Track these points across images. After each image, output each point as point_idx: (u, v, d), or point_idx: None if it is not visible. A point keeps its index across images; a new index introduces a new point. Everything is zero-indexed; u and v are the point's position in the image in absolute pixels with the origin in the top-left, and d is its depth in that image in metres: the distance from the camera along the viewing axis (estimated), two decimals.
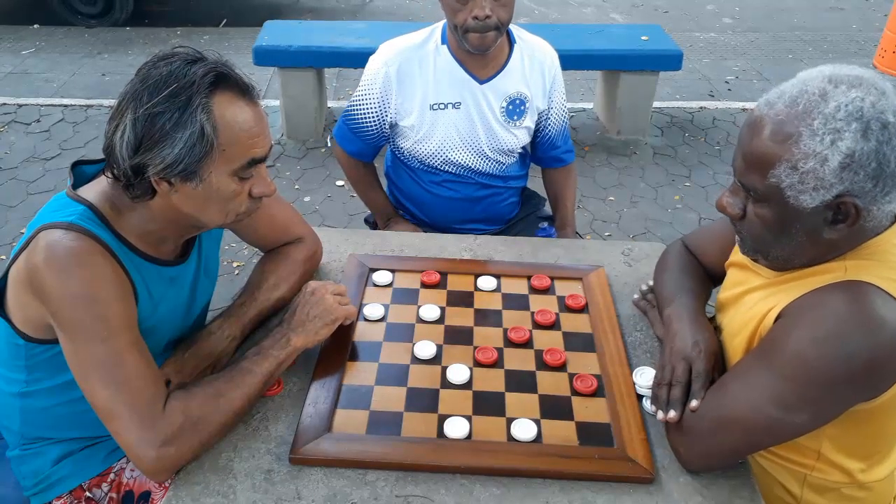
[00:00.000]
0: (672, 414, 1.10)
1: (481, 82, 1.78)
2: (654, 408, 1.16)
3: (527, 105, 1.84)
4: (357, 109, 1.84)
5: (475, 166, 1.87)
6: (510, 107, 1.81)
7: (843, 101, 0.92)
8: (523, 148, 1.95)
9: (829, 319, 0.97)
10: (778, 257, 1.07)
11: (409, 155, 1.89)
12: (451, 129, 1.81)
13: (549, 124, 1.94)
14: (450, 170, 1.88)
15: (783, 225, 1.01)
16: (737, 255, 1.23)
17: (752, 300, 1.14)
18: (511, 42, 1.82)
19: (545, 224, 2.02)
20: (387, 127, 1.85)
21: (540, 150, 2.00)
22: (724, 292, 1.26)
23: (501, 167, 1.91)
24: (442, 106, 1.78)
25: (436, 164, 1.87)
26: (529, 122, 1.87)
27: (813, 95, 0.94)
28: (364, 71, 1.83)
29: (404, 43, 1.79)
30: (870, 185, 0.93)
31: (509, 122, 1.83)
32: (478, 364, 1.29)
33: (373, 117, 1.83)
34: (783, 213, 1.00)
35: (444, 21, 1.75)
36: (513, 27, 1.83)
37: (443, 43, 1.78)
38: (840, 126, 0.92)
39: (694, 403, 1.09)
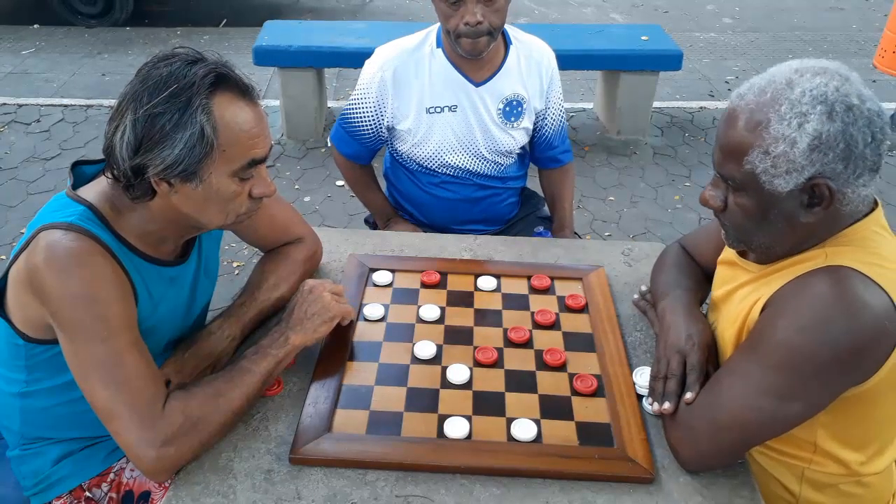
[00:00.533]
0: (667, 405, 1.12)
1: (477, 85, 1.78)
2: (650, 401, 1.17)
3: (524, 106, 1.84)
4: (353, 113, 1.84)
5: (473, 168, 1.87)
6: (507, 108, 1.81)
7: (807, 86, 0.97)
8: (522, 148, 1.94)
9: (811, 306, 0.99)
10: (760, 245, 1.10)
11: (406, 157, 1.89)
12: (447, 132, 1.81)
13: (546, 124, 1.94)
14: (448, 172, 1.88)
15: (762, 211, 1.04)
16: (726, 254, 1.25)
17: (741, 295, 1.16)
18: (507, 43, 1.81)
19: (540, 228, 2.01)
20: (384, 130, 1.85)
21: (537, 151, 2.00)
22: (715, 291, 1.27)
23: (500, 168, 1.90)
24: (438, 109, 1.78)
25: (433, 166, 1.87)
26: (527, 122, 1.87)
27: (780, 84, 0.99)
28: (360, 75, 1.83)
29: (400, 47, 1.79)
30: (840, 166, 0.97)
31: (507, 123, 1.83)
32: (478, 364, 1.29)
33: (369, 121, 1.83)
34: (761, 199, 1.03)
35: (439, 24, 1.75)
36: (509, 28, 1.82)
37: (438, 46, 1.77)
38: (806, 109, 0.96)
39: (689, 396, 1.11)
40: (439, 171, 1.88)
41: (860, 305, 0.96)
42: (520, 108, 1.83)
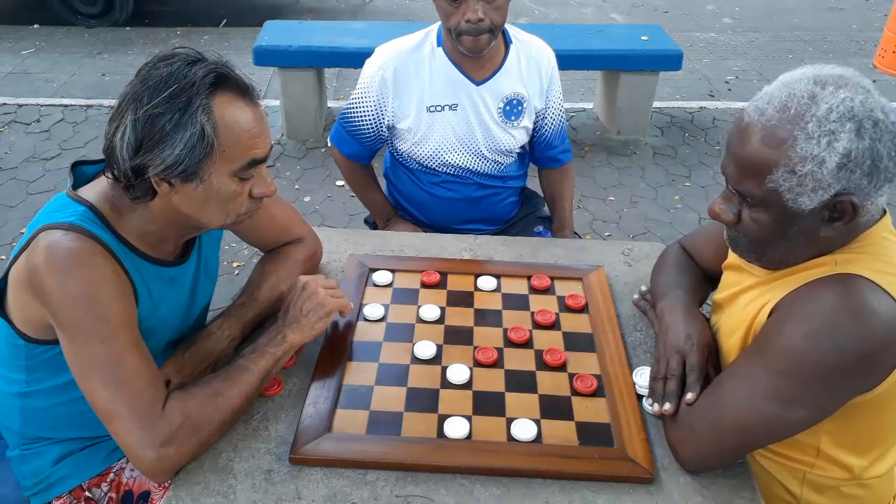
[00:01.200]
0: (668, 406, 1.12)
1: (478, 84, 1.78)
2: (650, 401, 1.17)
3: (524, 105, 1.84)
4: (354, 112, 1.85)
5: (473, 167, 1.87)
6: (507, 107, 1.81)
7: (833, 102, 0.94)
8: (522, 148, 1.94)
9: (820, 312, 0.98)
10: (773, 258, 1.08)
11: (407, 156, 1.89)
12: (448, 131, 1.81)
13: (546, 124, 1.94)
14: (448, 171, 1.88)
15: (781, 227, 1.02)
16: (732, 258, 1.24)
17: (746, 299, 1.15)
18: (507, 42, 1.81)
19: (540, 227, 2.01)
20: (384, 129, 1.85)
21: (537, 150, 2.00)
22: (719, 293, 1.27)
23: (500, 167, 1.91)
24: (439, 108, 1.78)
25: (434, 165, 1.87)
26: (527, 122, 1.87)
27: (802, 99, 0.95)
28: (360, 74, 1.83)
29: (400, 46, 1.79)
30: (865, 181, 0.95)
31: (507, 122, 1.83)
32: (478, 364, 1.29)
33: (369, 120, 1.83)
34: (781, 215, 1.00)
35: (440, 23, 1.75)
36: (509, 27, 1.82)
37: (438, 45, 1.78)
38: (835, 127, 0.93)
39: (689, 396, 1.11)
40: (439, 170, 1.88)
41: (869, 313, 0.95)
42: (520, 108, 1.83)
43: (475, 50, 1.68)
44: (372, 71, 1.79)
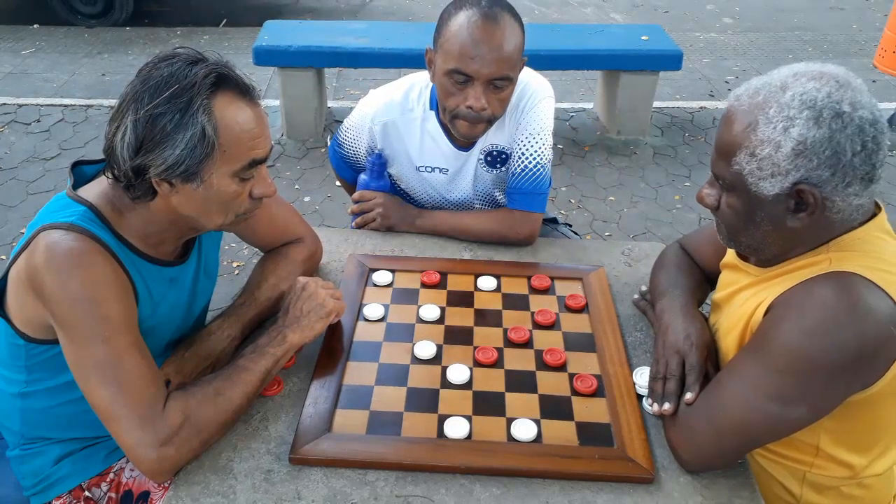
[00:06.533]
0: (667, 406, 1.12)
1: (466, 150, 1.73)
2: (650, 401, 1.17)
3: (507, 152, 1.74)
4: (347, 144, 1.83)
5: (466, 208, 1.84)
6: (488, 158, 1.75)
7: (798, 90, 0.97)
8: None
9: (816, 310, 0.98)
10: (748, 246, 1.11)
11: (400, 189, 1.86)
12: (438, 189, 1.78)
13: (510, 163, 1.73)
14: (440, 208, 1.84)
15: (749, 213, 1.05)
16: (729, 257, 1.25)
17: (743, 298, 1.16)
18: None
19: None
20: None
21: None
22: (717, 293, 1.27)
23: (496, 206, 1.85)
24: (429, 169, 1.75)
25: (427, 207, 1.84)
26: None
27: (773, 87, 1.00)
28: (354, 109, 1.80)
29: (391, 98, 1.72)
30: (827, 173, 0.96)
31: (491, 170, 1.77)
32: (478, 364, 1.29)
33: (362, 156, 1.81)
34: (747, 200, 1.04)
35: (429, 82, 1.66)
36: None
37: (431, 108, 1.70)
38: (793, 114, 0.96)
39: (689, 396, 1.11)
40: (434, 208, 1.84)
41: (865, 311, 0.96)
42: (503, 156, 1.74)
43: (468, 136, 1.60)
44: (363, 119, 1.75)
